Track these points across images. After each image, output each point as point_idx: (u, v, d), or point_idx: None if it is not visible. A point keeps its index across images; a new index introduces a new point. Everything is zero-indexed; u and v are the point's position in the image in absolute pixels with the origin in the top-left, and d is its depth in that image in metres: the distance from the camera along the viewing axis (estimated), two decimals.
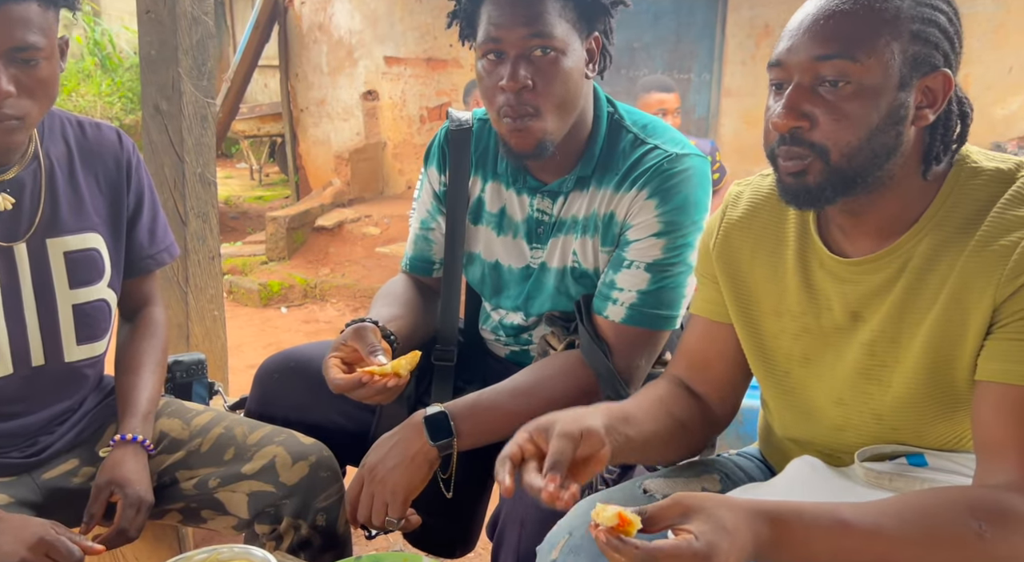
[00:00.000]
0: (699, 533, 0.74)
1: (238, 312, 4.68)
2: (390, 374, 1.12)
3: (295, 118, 6.62)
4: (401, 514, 1.14)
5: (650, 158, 1.24)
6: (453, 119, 1.39)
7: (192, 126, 1.96)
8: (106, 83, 8.67)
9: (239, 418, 1.34)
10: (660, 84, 3.23)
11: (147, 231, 1.32)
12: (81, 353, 1.23)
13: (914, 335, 0.90)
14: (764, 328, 1.04)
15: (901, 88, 0.84)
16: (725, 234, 1.07)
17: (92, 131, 1.27)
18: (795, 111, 0.85)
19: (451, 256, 1.39)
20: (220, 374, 2.15)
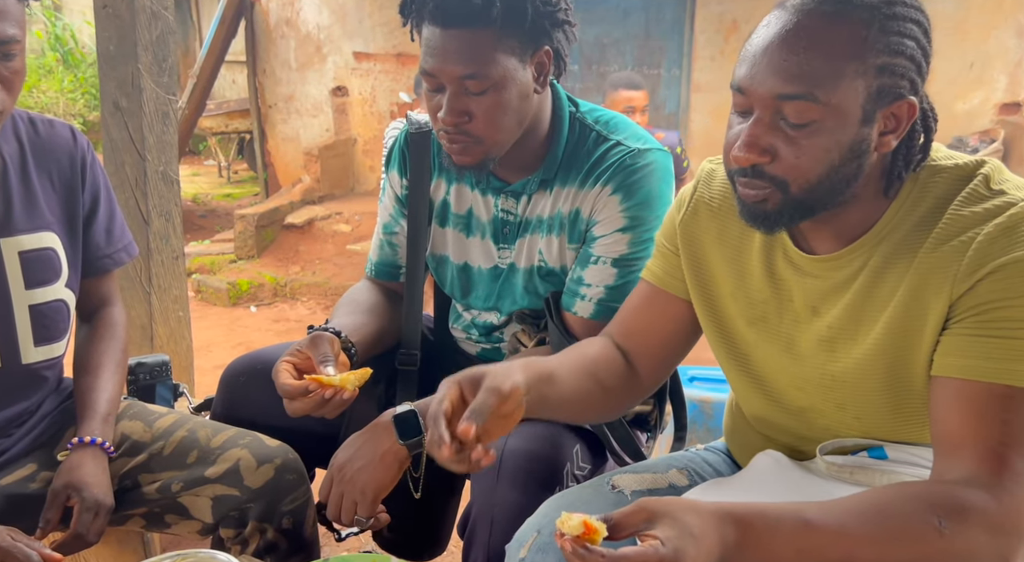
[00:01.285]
0: (665, 538, 0.74)
1: (207, 312, 4.62)
2: (336, 387, 1.11)
3: (263, 114, 6.53)
4: (370, 513, 1.13)
5: (613, 154, 1.24)
6: (412, 121, 1.39)
7: (153, 123, 1.92)
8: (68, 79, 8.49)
9: (203, 421, 1.32)
10: (628, 81, 3.24)
11: (103, 230, 1.29)
12: (39, 355, 1.20)
13: (870, 331, 0.91)
14: (723, 309, 1.05)
15: (864, 123, 0.83)
16: (694, 210, 1.06)
17: (45, 128, 1.24)
18: (756, 147, 0.85)
19: (413, 260, 1.39)
20: (186, 376, 2.12)
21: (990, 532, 0.78)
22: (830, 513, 0.79)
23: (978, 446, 0.81)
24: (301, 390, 1.10)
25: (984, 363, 0.83)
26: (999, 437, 0.81)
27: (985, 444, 0.81)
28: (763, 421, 1.07)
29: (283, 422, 1.33)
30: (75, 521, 1.10)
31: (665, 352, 1.12)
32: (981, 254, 0.83)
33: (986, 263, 0.83)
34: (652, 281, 1.11)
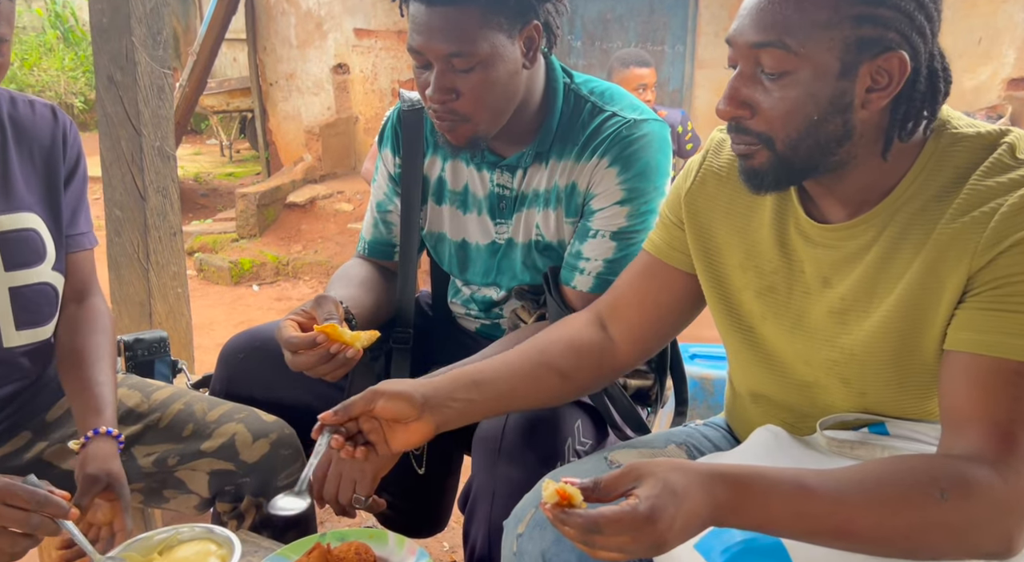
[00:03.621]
0: (644, 497, 0.73)
1: (209, 290, 4.62)
2: (345, 342, 1.10)
3: (264, 93, 6.48)
4: (369, 492, 1.12)
5: (608, 125, 1.22)
6: (404, 99, 1.37)
7: (148, 97, 1.89)
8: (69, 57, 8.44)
9: (200, 395, 1.32)
10: (638, 59, 3.18)
11: (70, 208, 1.25)
12: (21, 339, 1.18)
13: (883, 303, 0.89)
14: (729, 281, 1.03)
15: (843, 76, 0.81)
16: (702, 180, 1.04)
17: (25, 108, 1.22)
18: (735, 100, 0.85)
19: (407, 238, 1.38)
20: (185, 353, 2.11)
21: (994, 510, 0.77)
22: (829, 479, 0.78)
23: (986, 422, 0.80)
24: (308, 341, 1.09)
25: (999, 338, 0.81)
26: (1009, 414, 0.79)
27: (994, 420, 0.80)
28: (763, 397, 1.06)
29: (281, 398, 1.33)
30: (120, 519, 1.08)
31: (654, 327, 1.10)
32: (1003, 226, 0.80)
33: (1008, 235, 0.80)
34: (652, 252, 1.10)
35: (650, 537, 0.72)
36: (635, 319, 1.09)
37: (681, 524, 0.73)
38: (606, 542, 0.73)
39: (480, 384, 1.02)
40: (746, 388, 1.08)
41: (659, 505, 0.72)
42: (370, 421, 0.99)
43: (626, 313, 1.10)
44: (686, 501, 0.74)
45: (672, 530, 0.73)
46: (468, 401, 1.00)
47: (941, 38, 0.85)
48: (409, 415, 0.97)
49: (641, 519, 0.72)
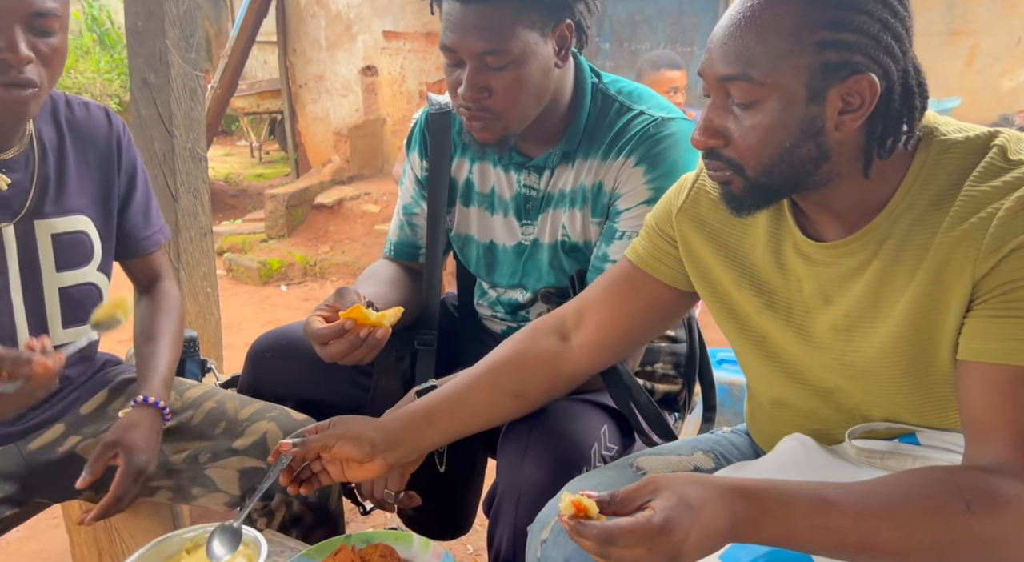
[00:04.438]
0: (659, 509, 0.73)
1: (238, 290, 4.67)
2: (372, 323, 1.11)
3: (294, 94, 6.55)
4: (399, 487, 1.15)
5: (635, 124, 1.22)
6: (433, 103, 1.38)
7: (181, 99, 1.92)
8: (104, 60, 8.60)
9: (231, 394, 1.33)
10: (670, 61, 3.14)
11: (141, 212, 1.31)
12: (67, 336, 1.21)
13: (888, 318, 0.88)
14: (729, 297, 1.02)
15: (812, 101, 0.81)
16: (695, 198, 1.04)
17: (81, 111, 1.24)
18: (709, 130, 0.86)
19: (432, 240, 1.38)
20: (214, 352, 2.14)
21: (1022, 522, 0.75)
22: (851, 492, 0.77)
23: (1009, 432, 0.78)
24: (337, 331, 1.11)
25: (1012, 345, 0.79)
26: None
27: (1015, 430, 0.78)
28: (786, 406, 1.04)
29: (307, 398, 1.34)
30: (117, 482, 1.10)
31: (623, 335, 1.10)
32: (1002, 231, 0.79)
33: (1008, 240, 0.79)
34: (634, 261, 1.09)
35: (664, 549, 0.72)
36: (603, 326, 1.09)
37: (697, 537, 0.73)
38: (621, 554, 0.73)
39: (433, 419, 1.08)
40: (767, 396, 1.07)
41: (673, 517, 0.72)
42: (327, 453, 1.05)
43: (595, 319, 1.10)
44: (702, 514, 0.73)
45: (687, 543, 0.72)
46: (418, 439, 1.08)
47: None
48: (362, 457, 1.04)
49: (655, 531, 0.72)
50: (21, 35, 1.00)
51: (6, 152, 1.14)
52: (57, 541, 1.95)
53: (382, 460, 1.05)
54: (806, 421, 1.02)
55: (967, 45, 4.67)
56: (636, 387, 1.21)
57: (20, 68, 1.00)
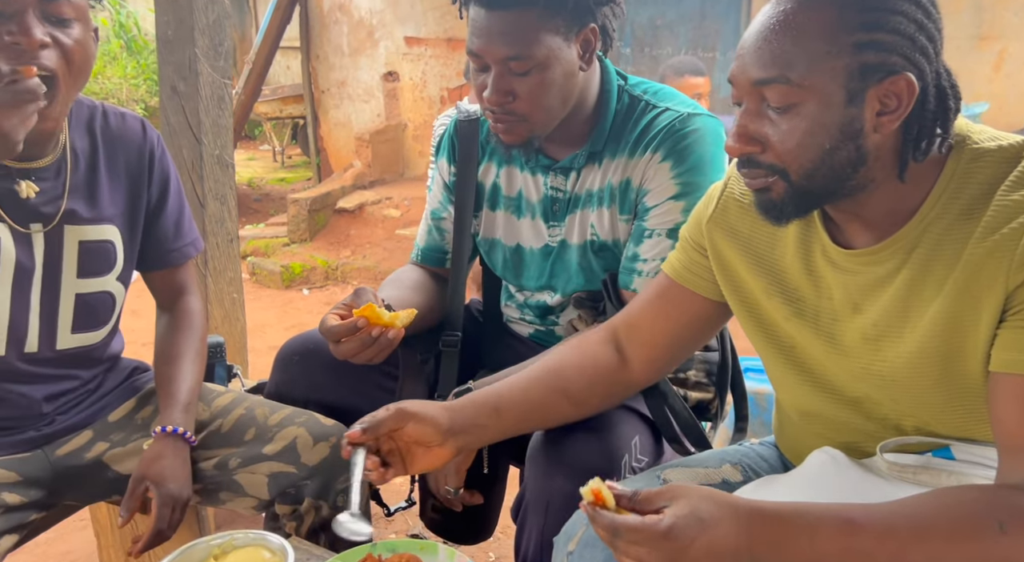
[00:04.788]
0: (668, 515, 0.75)
1: (260, 294, 4.72)
2: (385, 323, 1.12)
3: (316, 100, 6.61)
4: (458, 484, 1.17)
5: (661, 120, 1.22)
6: (461, 111, 1.41)
7: (209, 107, 1.95)
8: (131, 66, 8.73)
9: (260, 399, 1.34)
10: (693, 67, 3.13)
11: (172, 223, 1.31)
12: (73, 341, 1.22)
13: (916, 328, 0.86)
14: (759, 306, 1.02)
15: (850, 103, 0.80)
16: (723, 207, 1.04)
17: (116, 121, 1.26)
18: (745, 137, 0.85)
19: (459, 243, 1.39)
20: (240, 357, 2.16)
21: None
22: (878, 512, 0.76)
23: None
24: (349, 328, 1.11)
25: None
26: None
27: None
28: (815, 417, 1.03)
29: (335, 402, 1.35)
30: (153, 516, 1.11)
31: (671, 347, 1.10)
32: None
33: None
34: (671, 275, 1.09)
35: (666, 554, 0.74)
36: (651, 339, 1.10)
37: (703, 550, 0.74)
38: (626, 548, 0.76)
39: (500, 411, 1.06)
40: (795, 407, 1.06)
41: (680, 526, 0.74)
42: (390, 441, 1.01)
43: (642, 334, 1.10)
44: (711, 530, 0.74)
45: (689, 554, 0.74)
46: (485, 428, 1.05)
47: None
48: (434, 440, 1.00)
49: (658, 534, 0.74)
50: (35, 20, 0.99)
51: (39, 161, 1.16)
52: (84, 543, 1.97)
53: (452, 444, 1.02)
54: (836, 433, 1.01)
55: (995, 50, 4.60)
56: (672, 393, 1.21)
57: (34, 52, 0.99)
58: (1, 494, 1.06)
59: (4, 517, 1.06)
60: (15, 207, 1.13)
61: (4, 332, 1.14)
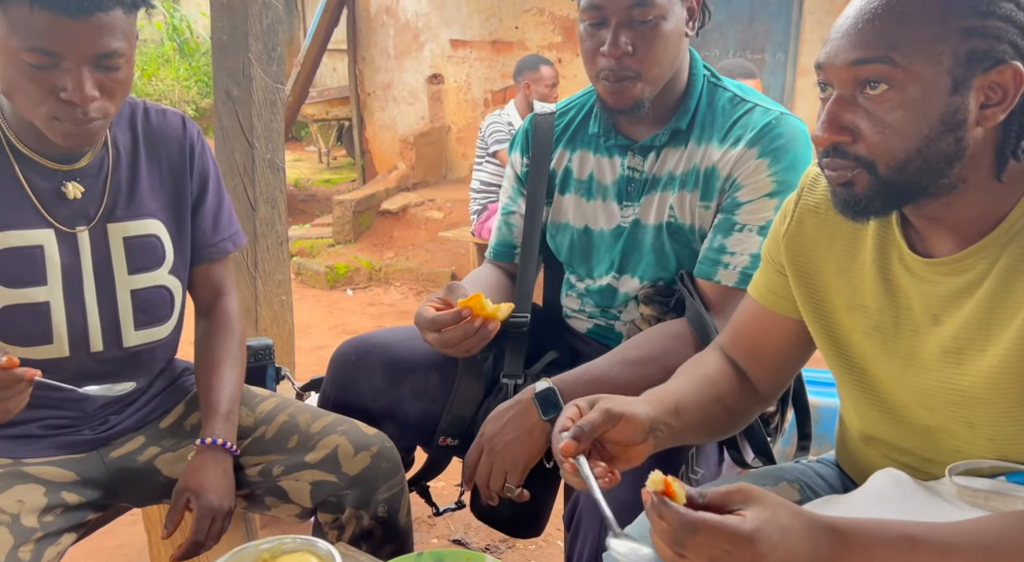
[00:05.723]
0: (751, 518, 0.72)
1: (306, 294, 4.78)
2: (488, 313, 1.14)
3: (362, 102, 6.68)
4: (519, 482, 1.17)
5: (755, 116, 1.24)
6: (537, 108, 1.46)
7: (262, 112, 1.97)
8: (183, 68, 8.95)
9: (303, 405, 1.35)
10: (744, 70, 3.08)
11: (210, 218, 1.32)
12: (139, 338, 1.24)
13: (1000, 340, 0.82)
14: (837, 322, 0.98)
15: (955, 91, 0.76)
16: (799, 220, 1.00)
17: (157, 118, 1.27)
18: (835, 125, 0.80)
19: (529, 232, 1.41)
20: (287, 359, 2.18)
21: None
22: (937, 531, 0.74)
23: None
24: (454, 317, 1.14)
25: None
26: None
27: None
28: (879, 441, 0.99)
29: (389, 403, 1.37)
30: (193, 527, 1.12)
31: (780, 365, 1.08)
32: None
33: None
34: (757, 298, 1.07)
35: (746, 556, 0.71)
36: (756, 360, 1.07)
37: (780, 558, 0.72)
38: (699, 546, 0.71)
39: (680, 413, 0.98)
40: (859, 431, 1.02)
41: (765, 530, 0.71)
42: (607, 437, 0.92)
43: (750, 355, 1.08)
44: (790, 538, 0.73)
45: (770, 559, 0.72)
46: (671, 427, 0.96)
47: None
48: (638, 438, 0.92)
49: (743, 536, 0.71)
50: (88, 75, 1.02)
51: (80, 162, 1.17)
52: (135, 538, 2.01)
53: (651, 443, 0.94)
54: (902, 458, 0.97)
55: None
56: None
57: (85, 108, 1.03)
58: (60, 493, 1.08)
59: (64, 516, 1.08)
60: (62, 209, 1.16)
61: (64, 334, 1.16)
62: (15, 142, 1.13)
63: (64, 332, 1.16)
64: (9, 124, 1.12)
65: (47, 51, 0.99)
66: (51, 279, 1.14)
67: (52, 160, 1.15)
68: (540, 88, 4.09)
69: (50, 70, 1.01)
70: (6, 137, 1.12)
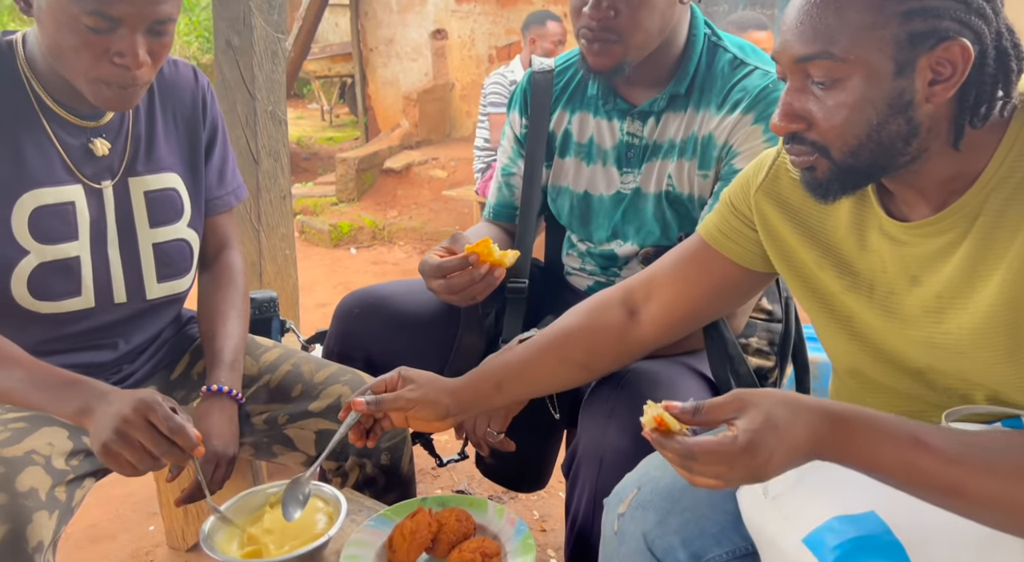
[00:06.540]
0: (743, 430, 0.74)
1: (309, 252, 4.78)
2: (495, 259, 1.15)
3: (364, 58, 6.59)
4: (502, 428, 1.19)
5: (753, 80, 1.21)
6: (536, 64, 1.42)
7: (263, 62, 1.94)
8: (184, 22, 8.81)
9: (306, 355, 1.36)
10: (756, 22, 3.02)
11: (216, 172, 1.32)
12: (162, 291, 1.25)
13: (982, 297, 0.82)
14: (812, 277, 0.98)
15: (899, 74, 0.77)
16: (775, 176, 1.00)
17: (170, 69, 1.27)
18: (789, 114, 0.83)
19: (528, 193, 1.40)
20: (292, 312, 2.19)
21: None
22: (949, 439, 0.75)
23: None
24: (460, 262, 1.14)
25: None
26: None
27: None
28: (876, 386, 0.99)
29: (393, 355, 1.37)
30: (196, 472, 1.13)
31: (690, 312, 1.09)
32: None
33: None
34: (706, 238, 1.07)
35: (746, 469, 0.74)
36: (670, 302, 1.08)
37: (780, 458, 0.74)
38: (702, 469, 0.75)
39: (502, 387, 1.09)
40: (854, 378, 1.02)
41: (757, 439, 0.73)
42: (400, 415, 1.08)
43: (662, 295, 1.09)
44: (787, 436, 0.74)
45: (770, 463, 0.74)
46: (491, 401, 1.10)
47: None
48: (433, 421, 1.07)
49: (737, 451, 0.73)
50: (141, 41, 1.03)
51: (105, 117, 1.18)
52: (144, 486, 2.05)
53: (452, 421, 1.09)
54: (898, 402, 0.97)
55: None
56: (739, 357, 1.20)
57: (135, 73, 1.04)
58: (83, 438, 1.10)
59: (88, 461, 1.10)
60: (90, 165, 1.17)
61: (91, 286, 1.17)
62: (45, 99, 1.13)
63: (91, 285, 1.17)
64: (40, 81, 1.13)
65: (108, 16, 1.00)
66: (81, 234, 1.16)
67: (80, 117, 1.16)
68: (545, 44, 4.02)
69: (106, 34, 1.01)
70: (36, 94, 1.13)
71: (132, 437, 0.97)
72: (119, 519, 1.97)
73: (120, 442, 0.97)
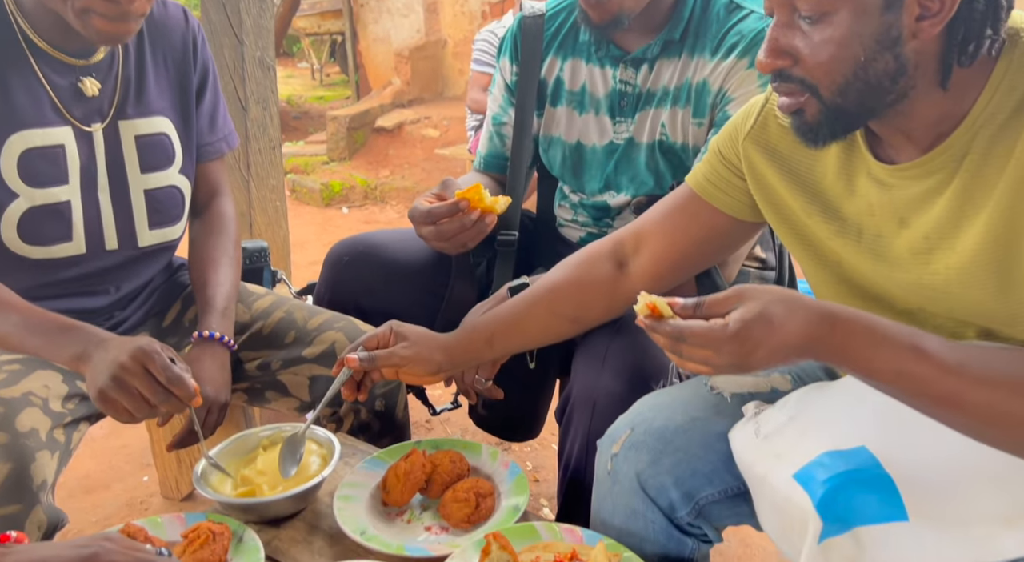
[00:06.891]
0: (735, 319, 0.74)
1: (301, 211, 4.74)
2: (487, 206, 1.13)
3: (355, 14, 6.45)
4: (489, 375, 1.18)
5: (748, 24, 1.18)
6: (526, 8, 1.38)
7: (250, 6, 1.89)
8: None
9: (299, 303, 1.35)
10: None
11: (207, 117, 1.30)
12: (153, 238, 1.23)
13: (969, 236, 0.82)
14: (800, 223, 0.98)
15: (887, 9, 0.75)
16: (763, 124, 0.99)
17: (159, 10, 1.23)
18: (775, 50, 0.81)
19: (518, 143, 1.37)
20: (283, 264, 2.17)
21: None
22: (949, 349, 0.74)
23: None
24: (451, 208, 1.13)
25: None
26: None
27: None
28: None
29: (383, 303, 1.37)
30: (187, 416, 1.13)
31: (679, 262, 1.08)
32: None
33: None
34: (694, 187, 1.06)
35: (731, 356, 0.75)
36: (659, 253, 1.08)
37: (766, 352, 0.75)
38: (691, 353, 0.77)
39: (493, 342, 1.09)
40: None
41: (745, 329, 0.74)
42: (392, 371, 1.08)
43: (651, 245, 1.08)
44: (779, 331, 0.74)
45: (755, 354, 0.74)
46: (481, 355, 1.11)
47: None
48: (425, 376, 1.08)
49: (726, 338, 0.74)
50: None
51: (95, 56, 1.14)
52: (137, 438, 2.05)
53: (444, 376, 1.10)
54: None
55: None
56: None
57: (125, 7, 1.00)
58: (76, 382, 1.09)
59: (83, 405, 1.09)
60: (79, 106, 1.13)
61: (81, 232, 1.15)
62: (32, 36, 1.09)
63: (82, 231, 1.15)
64: (27, 17, 1.09)
65: None
66: (71, 178, 1.13)
67: (69, 55, 1.12)
68: None
69: None
70: (22, 31, 1.09)
71: (129, 385, 0.96)
72: (113, 470, 1.98)
73: (117, 389, 0.96)
